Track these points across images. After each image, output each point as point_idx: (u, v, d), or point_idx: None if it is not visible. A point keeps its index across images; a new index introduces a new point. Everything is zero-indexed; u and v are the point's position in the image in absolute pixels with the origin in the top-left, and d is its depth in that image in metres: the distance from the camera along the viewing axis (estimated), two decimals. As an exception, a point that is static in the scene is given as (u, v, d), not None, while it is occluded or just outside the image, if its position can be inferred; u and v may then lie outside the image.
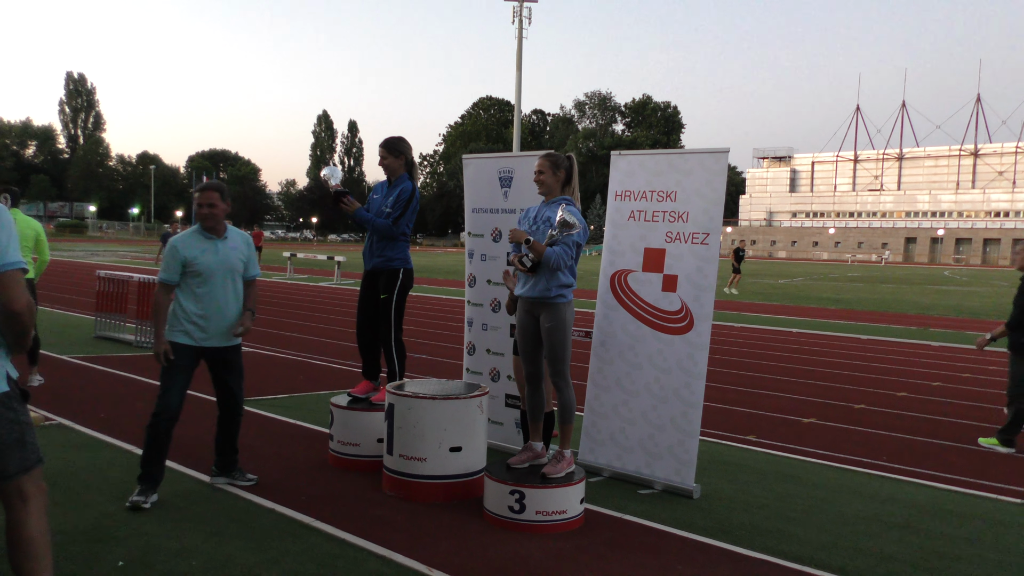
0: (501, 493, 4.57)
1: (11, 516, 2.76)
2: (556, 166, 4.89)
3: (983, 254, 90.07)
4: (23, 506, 2.75)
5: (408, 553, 4.09)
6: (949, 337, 15.63)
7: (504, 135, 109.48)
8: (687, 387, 5.35)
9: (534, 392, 4.95)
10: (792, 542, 4.51)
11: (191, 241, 4.84)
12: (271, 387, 8.41)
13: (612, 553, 4.25)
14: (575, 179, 4.95)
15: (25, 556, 2.75)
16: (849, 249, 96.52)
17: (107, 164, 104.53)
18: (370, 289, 5.79)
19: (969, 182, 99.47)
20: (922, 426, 7.75)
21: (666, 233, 5.53)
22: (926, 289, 33.58)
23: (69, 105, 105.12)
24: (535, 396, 4.95)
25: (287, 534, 4.30)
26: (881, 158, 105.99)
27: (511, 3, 43.76)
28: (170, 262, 4.79)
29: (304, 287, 24.26)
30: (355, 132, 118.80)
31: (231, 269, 4.90)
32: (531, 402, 4.97)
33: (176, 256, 4.78)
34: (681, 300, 5.41)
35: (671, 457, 5.38)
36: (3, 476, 2.71)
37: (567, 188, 4.93)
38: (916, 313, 21.31)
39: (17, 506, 2.75)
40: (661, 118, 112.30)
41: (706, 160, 5.43)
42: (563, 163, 4.91)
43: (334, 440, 5.65)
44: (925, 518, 5.04)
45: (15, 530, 2.75)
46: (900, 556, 4.37)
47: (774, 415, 8.01)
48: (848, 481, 5.82)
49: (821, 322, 17.82)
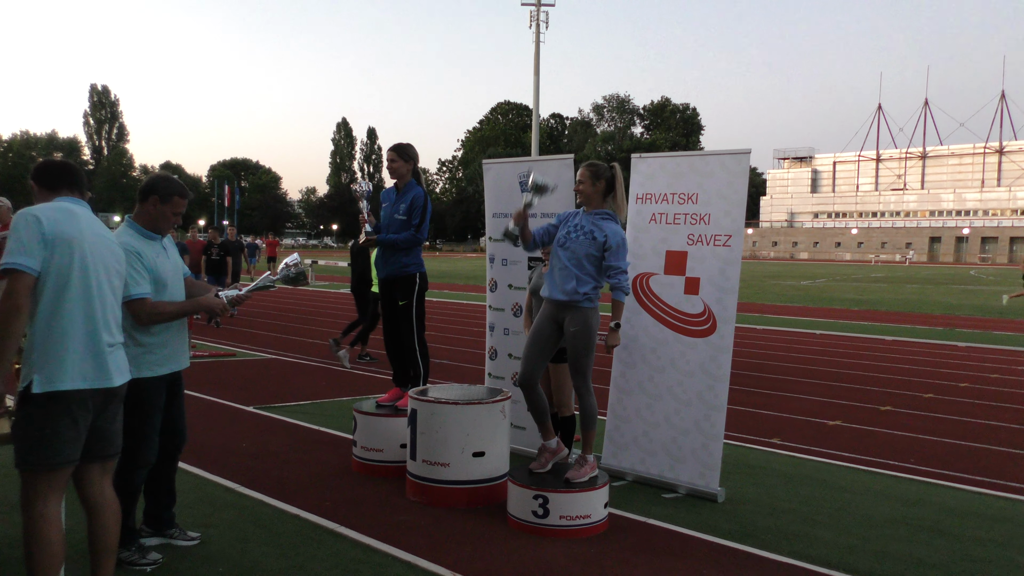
0: (525, 498, 4.57)
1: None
2: (596, 176, 4.78)
3: (1010, 253, 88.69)
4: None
5: (432, 558, 4.09)
6: (976, 337, 15.41)
7: (523, 139, 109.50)
8: (710, 390, 5.32)
9: (531, 394, 4.84)
10: (819, 546, 4.46)
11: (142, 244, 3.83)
12: (294, 393, 8.46)
13: (637, 557, 4.23)
14: (618, 189, 4.80)
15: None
16: (872, 249, 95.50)
17: (131, 175, 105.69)
18: (389, 298, 5.84)
19: (994, 180, 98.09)
20: (950, 427, 7.65)
21: (688, 235, 5.51)
22: (952, 289, 33.15)
23: (93, 117, 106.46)
24: (533, 399, 4.86)
25: (312, 540, 4.32)
26: (904, 157, 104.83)
27: (528, 7, 43.87)
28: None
29: (325, 294, 24.41)
30: (374, 139, 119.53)
31: (179, 270, 4.07)
32: (531, 406, 4.89)
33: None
34: (704, 303, 5.39)
35: (695, 460, 5.34)
36: (105, 456, 3.33)
37: (608, 199, 4.81)
38: (942, 313, 21.04)
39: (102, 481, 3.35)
40: (680, 120, 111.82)
41: (727, 161, 5.41)
42: (604, 172, 4.79)
43: (357, 446, 5.67)
44: (955, 521, 4.97)
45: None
46: (929, 560, 4.31)
47: (799, 417, 7.94)
48: (875, 484, 5.76)
49: (845, 323, 17.65)
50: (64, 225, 3.15)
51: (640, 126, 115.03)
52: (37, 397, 3.08)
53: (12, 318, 2.98)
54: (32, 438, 3.10)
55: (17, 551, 3.93)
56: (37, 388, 3.07)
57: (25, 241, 3.04)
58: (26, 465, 3.11)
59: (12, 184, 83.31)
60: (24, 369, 3.14)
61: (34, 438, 3.09)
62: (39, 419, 3.09)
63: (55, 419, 3.10)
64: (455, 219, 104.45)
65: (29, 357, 3.12)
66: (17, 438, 3.13)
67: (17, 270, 3.00)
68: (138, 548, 3.91)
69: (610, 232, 4.69)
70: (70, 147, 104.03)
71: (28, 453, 3.10)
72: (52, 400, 3.09)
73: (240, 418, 7.27)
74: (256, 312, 17.65)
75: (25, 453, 3.11)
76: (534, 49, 42.78)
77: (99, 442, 3.30)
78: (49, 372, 3.08)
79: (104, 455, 3.34)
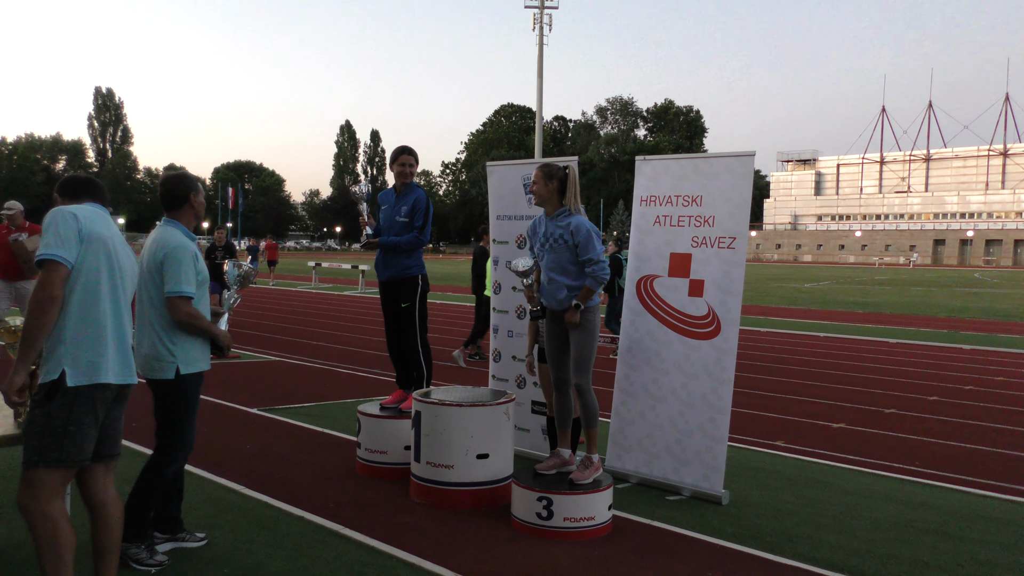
0: (529, 500, 4.57)
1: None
2: (549, 176, 4.82)
3: (1014, 255, 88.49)
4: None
5: (436, 560, 4.09)
6: (981, 340, 15.38)
7: (526, 142, 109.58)
8: (714, 392, 5.31)
9: (562, 399, 4.95)
10: (823, 548, 4.45)
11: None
12: (299, 396, 8.47)
13: (641, 560, 4.22)
14: (570, 189, 4.82)
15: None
16: (876, 252, 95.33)
17: (135, 177, 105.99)
18: (391, 300, 5.85)
19: (999, 182, 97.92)
20: (955, 430, 7.63)
21: (692, 238, 5.50)
22: (956, 291, 33.08)
23: (98, 119, 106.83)
24: (563, 403, 4.96)
25: (316, 542, 4.33)
26: (908, 159, 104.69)
27: (531, 10, 43.88)
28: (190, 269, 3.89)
29: (329, 296, 24.43)
30: (377, 142, 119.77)
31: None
32: (559, 409, 4.97)
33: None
34: (708, 305, 5.38)
35: (699, 463, 5.34)
36: (109, 455, 3.36)
37: (563, 199, 4.84)
38: (946, 316, 21.00)
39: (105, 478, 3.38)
40: (684, 122, 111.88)
41: (732, 164, 5.40)
42: (557, 173, 4.84)
43: (361, 448, 5.68)
44: (960, 524, 4.96)
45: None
46: (935, 563, 4.30)
47: (803, 420, 7.93)
48: (880, 486, 5.74)
49: (849, 326, 17.62)
50: (98, 224, 3.28)
51: (643, 128, 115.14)
52: (69, 390, 3.10)
53: (48, 307, 3.06)
54: (56, 433, 3.10)
55: (15, 553, 3.94)
56: (72, 381, 3.11)
57: (63, 235, 3.14)
58: (45, 461, 3.09)
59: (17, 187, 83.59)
60: (47, 364, 3.14)
61: (59, 433, 3.10)
62: (65, 413, 3.11)
63: (83, 413, 3.14)
64: (458, 221, 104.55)
65: (55, 350, 3.13)
66: (35, 434, 3.11)
67: (54, 260, 3.09)
68: (147, 547, 3.92)
69: (575, 230, 4.72)
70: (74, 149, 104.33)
71: (49, 449, 3.09)
72: (84, 393, 3.13)
73: (244, 420, 7.27)
74: (260, 314, 17.67)
75: (45, 449, 3.09)
76: (537, 51, 42.77)
77: (106, 441, 3.34)
78: (85, 365, 3.14)
79: (109, 454, 3.38)
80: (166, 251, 3.78)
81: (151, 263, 3.81)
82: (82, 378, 3.14)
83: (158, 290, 3.79)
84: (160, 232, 3.89)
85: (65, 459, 3.12)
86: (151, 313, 3.82)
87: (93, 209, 3.36)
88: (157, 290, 3.80)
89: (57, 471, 3.13)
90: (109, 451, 3.37)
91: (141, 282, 3.81)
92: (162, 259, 3.77)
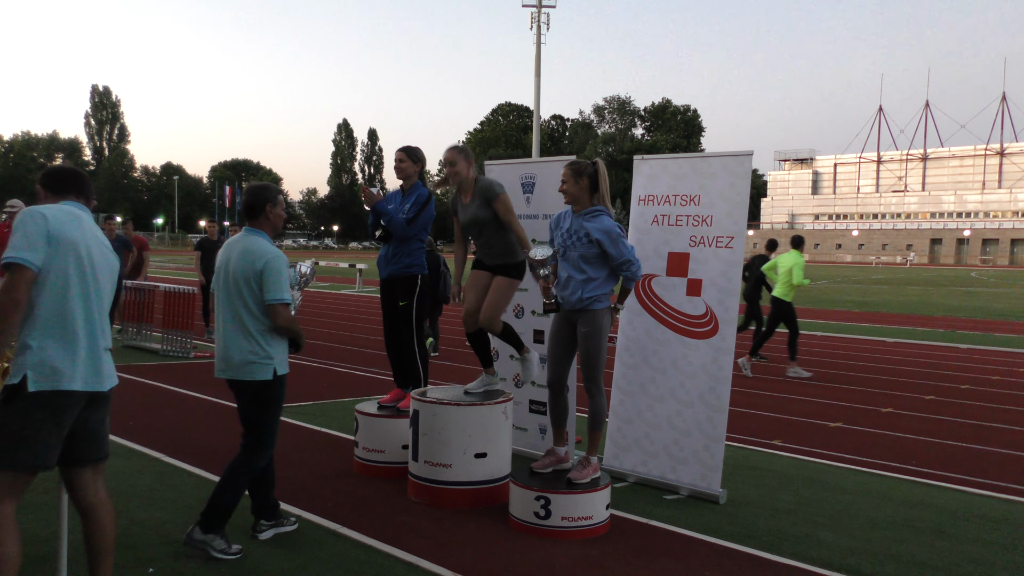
0: (526, 499, 4.57)
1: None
2: (578, 174, 4.77)
3: (1011, 254, 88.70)
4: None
5: (434, 559, 4.09)
6: (977, 339, 15.41)
7: (523, 141, 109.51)
8: (712, 391, 5.32)
9: (556, 399, 4.95)
10: (820, 548, 4.46)
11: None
12: (296, 395, 8.45)
13: (638, 559, 4.23)
14: (602, 185, 4.79)
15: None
16: (873, 251, 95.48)
17: (132, 175, 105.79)
18: (390, 298, 5.84)
19: (995, 182, 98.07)
20: (952, 429, 7.65)
21: (690, 237, 5.51)
22: (953, 291, 33.13)
23: (95, 118, 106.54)
24: (557, 402, 4.95)
25: (314, 541, 4.32)
26: (905, 159, 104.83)
27: (529, 9, 43.85)
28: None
29: (327, 295, 24.41)
30: (375, 140, 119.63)
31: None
32: (553, 408, 4.97)
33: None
34: (706, 304, 5.39)
35: (696, 462, 5.34)
36: (96, 459, 3.29)
37: (595, 196, 4.81)
38: (943, 315, 21.03)
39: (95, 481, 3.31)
40: (681, 121, 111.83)
41: (729, 163, 5.41)
42: (586, 170, 4.78)
43: (359, 447, 5.68)
44: (957, 523, 4.97)
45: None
46: (932, 562, 4.31)
47: (800, 419, 7.94)
48: (877, 486, 5.76)
49: (846, 325, 17.64)
50: (68, 227, 3.16)
51: (641, 128, 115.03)
52: (29, 395, 3.01)
53: (11, 311, 2.97)
54: (11, 436, 3.01)
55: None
56: (33, 386, 3.02)
57: (30, 237, 3.05)
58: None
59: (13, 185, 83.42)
60: (12, 367, 3.07)
61: (13, 437, 3.01)
62: (21, 418, 3.01)
63: (41, 420, 3.04)
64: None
65: (21, 355, 3.06)
66: None
67: (19, 264, 3.00)
68: (223, 535, 4.04)
69: (603, 230, 4.67)
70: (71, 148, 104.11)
71: (2, 451, 3.02)
72: (45, 400, 3.03)
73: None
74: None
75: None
76: (535, 50, 42.78)
77: (91, 445, 3.26)
78: (48, 371, 3.04)
79: (96, 458, 3.30)
80: (266, 260, 3.96)
81: (247, 271, 3.96)
82: (44, 384, 3.04)
83: (254, 297, 3.97)
84: (248, 242, 4.04)
85: (17, 464, 3.03)
86: (247, 319, 4.00)
87: (67, 209, 3.22)
88: (254, 296, 3.98)
89: (7, 474, 3.04)
90: (95, 455, 3.29)
91: (231, 289, 3.99)
92: (262, 268, 3.95)
